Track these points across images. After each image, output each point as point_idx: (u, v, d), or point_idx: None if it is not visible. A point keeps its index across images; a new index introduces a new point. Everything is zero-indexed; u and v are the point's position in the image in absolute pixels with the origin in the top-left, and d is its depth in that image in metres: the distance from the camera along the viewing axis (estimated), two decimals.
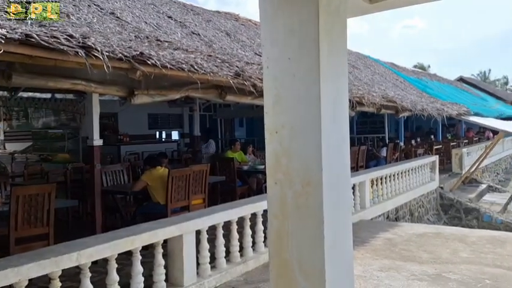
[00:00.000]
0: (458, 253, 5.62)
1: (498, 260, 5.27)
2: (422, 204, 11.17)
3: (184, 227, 4.37)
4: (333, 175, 2.32)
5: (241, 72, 4.92)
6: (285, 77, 2.34)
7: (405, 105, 10.82)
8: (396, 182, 9.80)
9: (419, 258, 5.39)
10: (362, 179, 8.24)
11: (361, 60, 15.08)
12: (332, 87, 2.33)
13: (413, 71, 21.72)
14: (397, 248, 5.91)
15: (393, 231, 6.91)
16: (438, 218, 11.70)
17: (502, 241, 6.17)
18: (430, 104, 13.16)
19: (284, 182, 2.36)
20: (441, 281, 4.56)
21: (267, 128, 2.43)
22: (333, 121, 2.33)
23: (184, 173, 5.95)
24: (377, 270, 4.92)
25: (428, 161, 11.85)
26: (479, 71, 73.08)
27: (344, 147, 2.47)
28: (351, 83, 9.36)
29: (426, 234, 6.65)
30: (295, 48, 2.29)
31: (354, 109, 8.23)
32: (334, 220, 2.32)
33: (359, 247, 5.92)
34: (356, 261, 5.26)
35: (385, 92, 10.75)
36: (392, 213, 9.38)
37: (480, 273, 4.80)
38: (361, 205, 8.16)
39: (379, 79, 13.19)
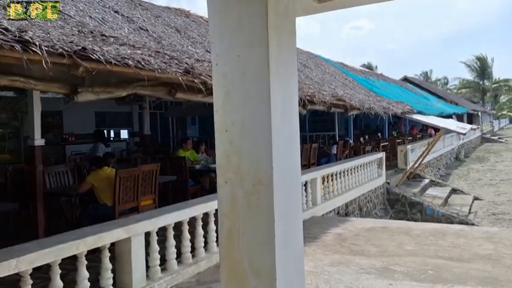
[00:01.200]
0: (404, 246, 5.86)
1: (440, 251, 5.55)
2: (370, 199, 11.58)
3: (132, 229, 4.22)
4: (283, 173, 2.31)
5: (191, 69, 4.82)
6: (234, 74, 2.30)
7: (354, 104, 11.16)
8: (346, 179, 10.08)
9: (368, 252, 5.56)
10: (313, 176, 8.39)
11: (312, 60, 15.36)
12: (282, 85, 2.32)
13: (361, 71, 22.45)
14: (347, 242, 6.07)
15: (343, 226, 7.09)
16: (386, 212, 12.18)
17: (443, 233, 6.51)
18: (377, 103, 13.66)
19: (235, 181, 2.33)
20: (388, 274, 4.72)
21: (217, 126, 2.39)
22: (283, 119, 2.32)
23: (132, 173, 5.76)
24: (328, 265, 5.02)
25: (376, 157, 12.29)
26: (422, 71, 77.06)
27: (294, 145, 2.48)
28: (303, 82, 9.50)
29: (374, 229, 6.88)
30: (245, 45, 2.26)
31: (306, 107, 8.36)
32: (285, 218, 2.32)
33: (310, 243, 6.02)
34: (308, 257, 5.34)
35: (335, 91, 11.02)
36: (342, 208, 9.64)
37: (423, 264, 5.04)
38: (313, 202, 8.31)
39: (329, 78, 13.50)
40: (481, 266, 4.93)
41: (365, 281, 4.51)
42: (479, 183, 18.58)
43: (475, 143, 36.36)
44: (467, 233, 6.55)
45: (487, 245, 5.80)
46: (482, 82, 62.28)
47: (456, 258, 5.28)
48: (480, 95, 61.80)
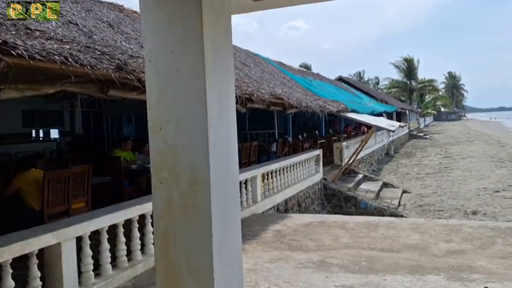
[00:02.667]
0: (339, 239, 6.08)
1: (372, 243, 5.83)
2: (308, 195, 11.90)
3: (62, 233, 3.99)
4: (221, 172, 2.29)
5: (124, 65, 4.62)
6: (168, 71, 2.24)
7: (292, 103, 11.38)
8: (285, 176, 10.28)
9: (306, 247, 5.70)
10: (253, 174, 8.45)
11: (251, 58, 15.45)
12: (218, 82, 2.29)
13: (299, 70, 22.99)
14: (286, 238, 6.18)
15: (282, 222, 7.21)
16: (323, 207, 12.58)
17: (375, 225, 6.84)
18: (314, 102, 14.05)
19: (170, 181, 2.26)
20: (324, 267, 4.87)
21: (151, 125, 2.31)
22: (220, 116, 2.29)
23: (62, 175, 5.44)
24: (267, 262, 5.08)
25: (313, 154, 12.65)
26: (356, 71, 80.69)
27: (231, 143, 2.46)
28: (241, 80, 9.52)
29: (312, 224, 7.07)
30: (179, 41, 2.20)
31: (245, 106, 8.38)
32: (222, 218, 2.30)
33: (250, 241, 6.05)
34: (247, 255, 5.37)
35: (274, 89, 11.17)
36: (282, 205, 9.81)
37: (358, 256, 5.26)
38: (253, 199, 8.37)
39: (268, 77, 13.66)
40: (409, 256, 5.25)
41: (303, 275, 4.62)
42: (407, 177, 19.80)
43: (403, 139, 38.72)
44: (397, 224, 6.94)
45: (414, 236, 6.18)
46: (409, 82, 66.53)
47: (387, 249, 5.57)
48: (407, 94, 65.94)
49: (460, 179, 17.84)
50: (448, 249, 5.49)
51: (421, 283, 4.33)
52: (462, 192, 15.07)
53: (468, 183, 16.83)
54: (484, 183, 16.33)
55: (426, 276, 4.52)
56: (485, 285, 4.22)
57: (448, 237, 6.02)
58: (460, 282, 4.33)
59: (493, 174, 18.36)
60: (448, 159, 25.37)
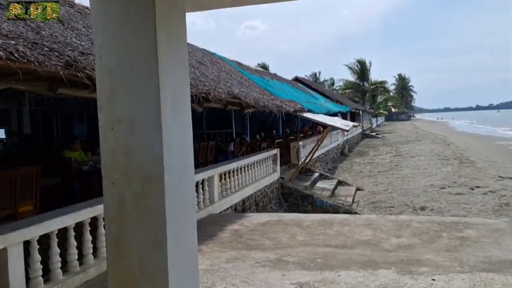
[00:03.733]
0: (296, 237, 6.17)
1: (327, 240, 5.96)
2: (266, 194, 11.99)
3: (8, 238, 3.78)
4: (176, 172, 2.25)
5: (74, 62, 4.43)
6: (120, 68, 2.17)
7: (249, 102, 11.42)
8: (243, 175, 10.29)
9: (263, 246, 5.74)
10: (210, 174, 8.39)
11: (208, 57, 15.33)
12: (172, 80, 2.25)
13: (256, 70, 23.09)
14: (243, 238, 6.19)
15: (240, 222, 7.21)
16: (280, 206, 12.72)
17: (330, 222, 7.00)
18: (271, 101, 14.17)
19: (122, 182, 2.20)
20: (281, 265, 4.93)
21: (102, 123, 2.23)
22: (174, 115, 2.25)
23: (8, 177, 5.15)
24: (224, 262, 5.06)
25: (271, 154, 12.76)
26: (312, 72, 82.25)
27: (187, 143, 2.42)
28: (198, 79, 9.42)
29: (269, 223, 7.12)
30: (131, 37, 2.14)
31: (201, 105, 8.31)
32: (177, 219, 2.26)
33: (207, 241, 6.01)
34: (204, 255, 5.33)
35: (231, 89, 11.14)
36: (240, 205, 9.82)
37: (313, 253, 5.36)
38: (210, 199, 8.31)
39: (225, 76, 13.61)
40: (362, 251, 5.42)
41: (260, 274, 4.64)
42: (360, 175, 20.43)
43: (357, 138, 39.94)
44: (351, 221, 7.14)
45: (367, 232, 6.38)
46: (362, 83, 68.77)
47: (341, 245, 5.72)
48: (361, 95, 68.13)
49: (409, 177, 18.63)
50: (398, 244, 5.72)
51: (373, 277, 4.48)
52: (411, 189, 15.74)
53: (417, 180, 17.61)
54: (431, 180, 17.15)
55: (378, 270, 4.69)
56: (433, 278, 4.43)
57: (398, 233, 6.27)
58: (409, 275, 4.52)
59: (439, 172, 19.33)
60: (398, 157, 26.42)
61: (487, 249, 5.32)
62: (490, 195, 13.75)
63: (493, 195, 13.71)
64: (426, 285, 4.23)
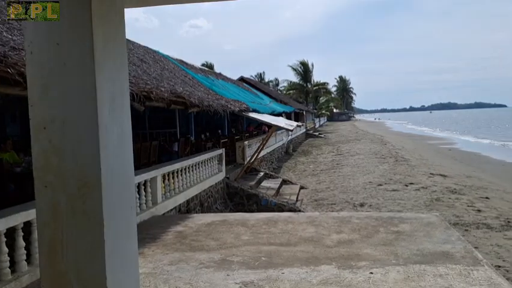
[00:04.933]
0: (241, 236, 6.19)
1: (272, 238, 6.04)
2: (211, 194, 11.92)
3: None
4: (114, 174, 2.17)
5: (3, 58, 4.14)
6: (53, 64, 2.06)
7: (194, 101, 11.28)
8: (187, 176, 10.16)
9: (207, 247, 5.70)
10: (153, 175, 8.20)
11: (150, 55, 14.95)
12: (110, 79, 2.17)
13: (201, 69, 22.87)
14: (187, 239, 6.11)
15: (184, 223, 7.11)
16: (226, 206, 12.71)
17: (274, 221, 7.10)
18: (216, 101, 14.10)
19: (56, 185, 2.09)
20: (225, 265, 4.92)
21: (33, 123, 2.11)
22: (112, 115, 2.17)
23: None
24: (167, 265, 4.97)
25: (216, 153, 12.71)
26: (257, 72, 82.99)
27: (126, 143, 2.34)
28: (139, 77, 9.16)
29: (214, 223, 7.09)
30: (65, 33, 2.03)
31: (143, 104, 8.08)
32: (116, 222, 2.18)
33: (150, 244, 5.86)
34: (146, 258, 5.19)
35: (174, 87, 10.94)
36: (184, 205, 9.68)
37: (258, 252, 5.41)
38: (153, 201, 8.12)
39: (168, 75, 13.35)
40: (305, 248, 5.55)
41: (204, 275, 4.61)
42: (304, 174, 20.93)
43: (301, 138, 40.89)
44: (294, 219, 7.28)
45: (310, 229, 6.55)
46: (306, 84, 70.45)
47: (285, 243, 5.82)
48: (304, 96, 69.79)
49: (349, 175, 19.37)
50: (339, 239, 5.92)
51: (315, 273, 4.60)
52: (351, 187, 16.37)
53: (356, 178, 18.35)
54: (370, 178, 17.95)
55: (320, 266, 4.83)
56: (371, 271, 4.64)
57: (339, 229, 6.49)
58: (349, 270, 4.70)
59: (376, 170, 20.27)
60: (339, 156, 27.39)
61: (420, 242, 5.66)
62: (422, 191, 14.63)
63: (425, 191, 14.61)
64: (364, 279, 4.42)
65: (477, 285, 4.18)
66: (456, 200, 12.98)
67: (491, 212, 11.42)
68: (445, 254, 5.13)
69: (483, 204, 12.44)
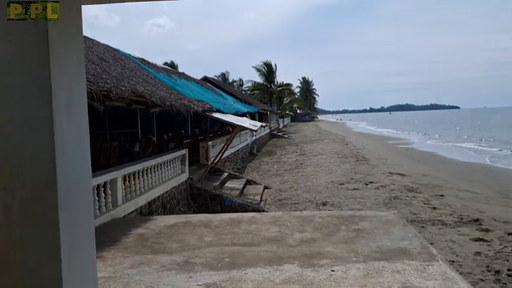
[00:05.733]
0: (204, 238, 6.14)
1: (235, 239, 6.04)
2: (174, 195, 11.76)
3: None
4: (70, 175, 2.11)
5: None
6: (8, 62, 1.98)
7: (155, 101, 11.09)
8: (149, 177, 9.98)
9: (169, 249, 5.61)
10: (113, 176, 8.00)
11: (110, 53, 14.57)
12: (67, 77, 2.10)
13: (163, 69, 22.52)
14: (149, 242, 5.99)
15: (145, 225, 6.97)
16: (189, 207, 12.58)
17: (238, 221, 7.10)
18: (179, 101, 13.93)
19: (9, 187, 2.01)
20: (188, 267, 4.87)
21: None
22: (69, 115, 2.11)
23: None
24: (128, 268, 4.86)
25: (179, 154, 12.56)
26: (221, 72, 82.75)
27: (83, 143, 2.28)
28: (99, 76, 8.91)
29: (176, 225, 6.99)
30: (17, 30, 1.96)
31: (102, 103, 7.86)
32: (73, 225, 2.12)
33: (109, 247, 5.71)
34: (106, 262, 5.06)
35: (135, 87, 10.72)
36: (145, 208, 9.50)
37: (221, 253, 5.39)
38: (113, 203, 7.92)
39: (129, 74, 13.06)
40: (269, 248, 5.58)
41: (166, 278, 4.54)
42: (268, 174, 21.07)
43: (265, 138, 41.13)
44: (258, 219, 7.31)
45: (273, 229, 6.60)
46: (270, 85, 70.98)
47: (249, 243, 5.83)
48: (268, 97, 70.31)
49: (312, 174, 19.68)
50: (302, 238, 6.00)
51: (278, 273, 4.64)
52: (314, 186, 16.64)
53: (319, 177, 18.67)
54: (332, 177, 18.31)
55: (283, 265, 4.87)
56: (332, 269, 4.74)
57: (302, 228, 6.58)
58: (311, 268, 4.77)
59: (338, 169, 20.72)
60: (303, 156, 27.78)
61: (379, 240, 5.83)
62: (381, 189, 15.09)
63: (384, 189, 15.07)
64: (326, 277, 4.50)
65: (432, 279, 4.35)
66: (413, 198, 13.48)
67: (446, 209, 11.95)
68: (403, 251, 5.31)
69: (438, 201, 12.99)
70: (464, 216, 10.97)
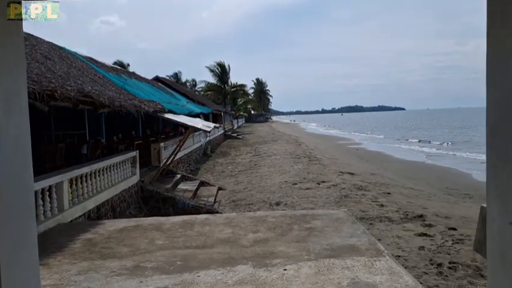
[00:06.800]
0: (155, 241, 6.02)
1: (188, 242, 5.97)
2: (124, 199, 11.43)
3: None
4: (10, 178, 2.00)
5: None
6: None
7: (104, 101, 10.72)
8: (98, 180, 9.63)
9: (119, 254, 5.45)
10: (59, 180, 7.65)
11: (56, 52, 13.91)
12: (5, 76, 1.99)
13: (112, 68, 21.82)
14: (97, 247, 5.79)
15: (93, 230, 6.72)
16: (140, 211, 12.27)
17: (191, 224, 7.03)
18: (129, 101, 13.56)
19: None
20: (139, 272, 4.75)
21: None
22: (7, 116, 2.00)
23: None
24: (75, 275, 4.66)
25: (129, 156, 12.23)
26: (173, 72, 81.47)
27: (23, 146, 2.17)
28: (43, 75, 8.48)
29: (126, 229, 6.80)
30: None
31: (47, 103, 7.49)
32: (12, 232, 2.01)
33: (55, 253, 5.46)
34: (52, 269, 4.83)
35: (82, 86, 10.30)
36: (94, 212, 9.16)
37: (173, 256, 5.30)
38: (59, 208, 7.58)
39: (76, 73, 12.53)
40: (222, 249, 5.57)
41: (115, 283, 4.40)
42: (222, 175, 21.00)
43: (219, 139, 40.97)
44: (211, 221, 7.28)
45: (227, 230, 6.59)
46: (223, 86, 70.79)
47: (201, 245, 5.79)
48: (222, 97, 70.08)
49: (266, 175, 19.85)
50: (255, 239, 6.04)
51: (231, 274, 4.64)
52: (268, 186, 16.79)
53: (273, 177, 18.87)
54: (286, 177, 18.57)
55: (236, 266, 4.88)
56: (284, 268, 4.80)
57: (255, 228, 6.62)
58: (264, 268, 4.82)
59: (292, 169, 21.05)
60: (257, 157, 27.95)
61: (330, 237, 5.99)
62: (332, 188, 15.50)
63: (335, 188, 15.49)
64: (278, 276, 4.56)
65: (379, 274, 4.53)
66: (362, 196, 13.96)
67: (392, 206, 12.48)
68: (352, 247, 5.49)
69: (385, 199, 13.54)
70: (409, 212, 11.51)
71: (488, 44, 1.52)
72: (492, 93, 1.52)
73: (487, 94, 1.55)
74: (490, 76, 1.52)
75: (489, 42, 1.51)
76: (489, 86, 1.53)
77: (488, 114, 1.55)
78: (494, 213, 1.52)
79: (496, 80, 1.50)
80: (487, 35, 1.52)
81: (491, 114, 1.53)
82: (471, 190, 16.18)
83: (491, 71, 1.52)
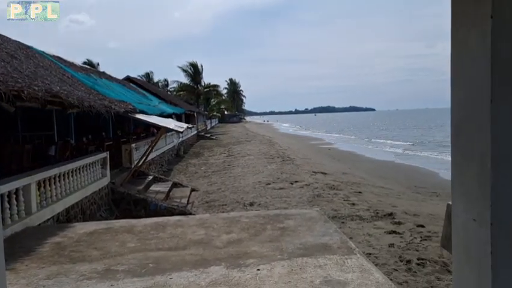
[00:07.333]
0: (126, 244, 5.92)
1: (160, 244, 5.90)
2: (94, 201, 11.18)
3: None
4: None
5: None
6: None
7: (72, 101, 10.44)
8: (66, 182, 9.39)
9: (89, 257, 5.33)
10: (26, 182, 7.42)
11: (22, 51, 13.46)
12: None
13: (81, 67, 21.29)
14: (66, 251, 5.64)
15: (62, 233, 6.55)
16: (111, 213, 12.03)
17: (163, 225, 6.94)
18: (99, 101, 13.26)
19: None
20: (110, 275, 4.66)
21: None
22: None
23: None
24: (44, 279, 4.53)
25: (99, 157, 11.97)
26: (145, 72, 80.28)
27: None
28: (9, 75, 8.18)
29: (96, 231, 6.66)
30: None
31: (13, 104, 7.24)
32: None
33: (23, 258, 5.29)
34: (19, 274, 4.68)
35: (50, 86, 10.00)
36: (63, 214, 8.92)
37: (145, 259, 5.23)
38: (26, 211, 7.34)
39: (44, 72, 12.15)
40: (195, 251, 5.53)
41: (86, 287, 4.30)
42: (195, 176, 20.84)
43: (192, 140, 40.65)
44: (184, 222, 7.21)
45: (200, 231, 6.55)
46: (196, 86, 70.25)
47: (174, 247, 5.73)
48: (195, 98, 69.52)
49: (240, 175, 19.84)
50: (229, 240, 6.03)
51: (204, 275, 4.62)
52: (242, 187, 16.78)
53: (246, 178, 18.87)
54: (259, 178, 18.61)
55: (209, 268, 4.86)
56: (258, 268, 4.82)
57: (229, 229, 6.61)
58: (237, 268, 4.81)
59: (265, 169, 21.11)
60: (230, 157, 27.88)
61: (302, 237, 6.05)
62: (305, 188, 15.64)
63: (308, 188, 15.65)
64: (252, 276, 4.57)
65: (350, 272, 4.61)
66: (334, 195, 14.16)
67: (363, 204, 12.72)
68: (324, 246, 5.56)
69: (356, 198, 13.78)
70: (379, 210, 11.76)
71: (453, 45, 1.56)
72: (456, 94, 1.57)
73: (452, 94, 1.60)
74: (454, 76, 1.57)
75: (453, 43, 1.56)
76: (453, 86, 1.58)
77: (452, 114, 1.59)
78: (458, 210, 1.57)
79: (459, 81, 1.54)
80: (451, 36, 1.57)
81: (456, 114, 1.57)
82: (438, 188, 16.69)
83: (455, 71, 1.57)
